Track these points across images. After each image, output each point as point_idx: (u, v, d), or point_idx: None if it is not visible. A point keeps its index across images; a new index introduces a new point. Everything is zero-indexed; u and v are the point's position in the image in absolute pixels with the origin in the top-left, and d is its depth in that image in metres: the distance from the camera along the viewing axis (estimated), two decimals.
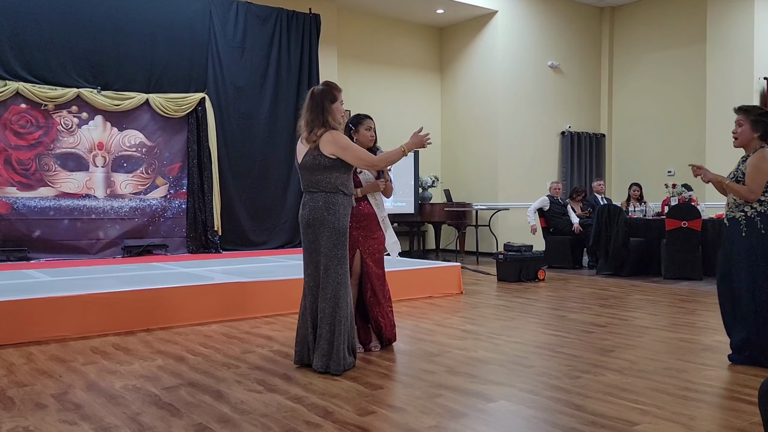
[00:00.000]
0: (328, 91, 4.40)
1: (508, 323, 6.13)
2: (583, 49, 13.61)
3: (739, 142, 4.53)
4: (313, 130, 4.34)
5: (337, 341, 4.30)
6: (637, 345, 5.11)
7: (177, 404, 3.70)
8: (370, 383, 4.10)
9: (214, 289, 6.43)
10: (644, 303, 7.28)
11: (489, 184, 12.59)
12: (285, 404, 3.68)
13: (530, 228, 10.60)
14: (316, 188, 4.38)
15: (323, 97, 4.36)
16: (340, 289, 4.33)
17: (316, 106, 4.35)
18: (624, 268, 9.67)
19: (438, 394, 3.85)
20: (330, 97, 4.37)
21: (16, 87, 8.68)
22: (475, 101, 12.89)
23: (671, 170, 12.60)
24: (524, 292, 8.21)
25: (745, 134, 4.49)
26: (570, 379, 4.13)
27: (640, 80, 13.39)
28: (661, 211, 10.45)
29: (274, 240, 10.73)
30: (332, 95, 4.39)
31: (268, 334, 5.67)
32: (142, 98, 9.59)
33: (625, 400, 3.70)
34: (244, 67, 10.46)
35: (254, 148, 10.56)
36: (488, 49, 12.61)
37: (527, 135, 12.79)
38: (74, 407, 3.67)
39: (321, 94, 4.37)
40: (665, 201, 10.28)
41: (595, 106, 13.87)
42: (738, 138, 4.53)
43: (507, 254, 9.21)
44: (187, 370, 4.49)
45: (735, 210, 4.50)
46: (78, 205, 9.25)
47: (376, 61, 12.67)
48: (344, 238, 4.37)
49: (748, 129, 4.47)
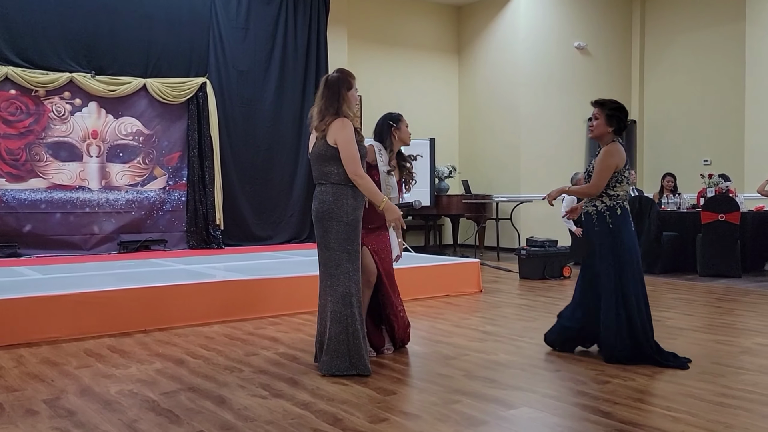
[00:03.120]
0: (344, 79, 4.46)
1: (530, 324, 6.11)
2: (613, 28, 13.52)
3: (594, 135, 4.85)
4: (324, 118, 4.38)
5: (355, 341, 4.33)
6: (670, 347, 5.08)
7: (176, 410, 3.72)
8: (382, 388, 4.10)
9: (216, 288, 6.45)
10: (678, 302, 7.24)
11: (510, 174, 12.55)
12: (292, 410, 3.69)
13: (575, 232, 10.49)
14: (325, 180, 4.42)
15: (339, 85, 4.42)
16: (351, 286, 4.35)
17: (331, 94, 4.40)
18: (656, 265, 9.63)
19: (455, 400, 3.85)
20: (346, 85, 4.45)
21: (4, 71, 8.72)
22: (495, 85, 12.84)
23: (707, 159, 12.51)
24: (548, 290, 8.19)
25: (600, 128, 4.79)
26: (597, 385, 4.12)
27: (673, 62, 13.29)
28: (696, 203, 10.38)
29: (279, 235, 10.76)
30: (348, 83, 4.47)
31: (273, 336, 5.68)
32: (139, 83, 9.62)
33: (656, 406, 3.68)
34: (247, 49, 10.47)
35: (258, 137, 10.58)
36: (510, 28, 12.55)
37: (552, 121, 12.74)
38: (67, 414, 3.69)
39: (337, 81, 4.44)
40: (701, 192, 10.21)
41: (625, 90, 13.77)
42: (593, 131, 4.83)
43: (530, 250, 9.19)
44: (187, 373, 4.51)
45: (588, 204, 4.88)
46: (71, 197, 9.30)
47: (389, 43, 12.65)
48: (355, 233, 4.39)
49: (603, 123, 4.78)
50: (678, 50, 13.20)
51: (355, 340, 4.33)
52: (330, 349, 4.36)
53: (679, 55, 13.19)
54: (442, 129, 13.21)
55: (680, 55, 13.17)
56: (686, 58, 13.07)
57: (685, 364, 4.54)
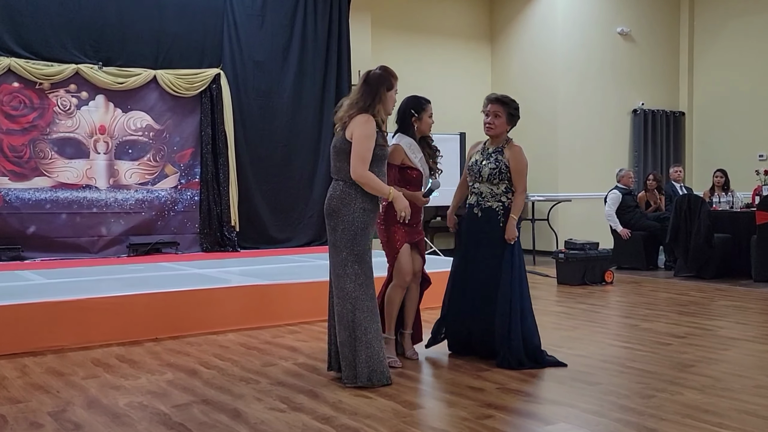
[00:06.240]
0: (385, 77, 4.53)
1: (569, 333, 6.09)
2: (659, 12, 13.41)
3: (495, 133, 5.11)
4: (351, 111, 4.43)
5: (362, 349, 4.34)
6: (722, 359, 5.04)
7: (189, 424, 3.75)
8: (408, 402, 4.10)
9: (231, 293, 6.48)
10: (731, 310, 7.17)
11: (547, 171, 12.49)
12: (311, 425, 3.71)
13: (621, 233, 10.47)
14: (337, 176, 4.49)
15: (380, 83, 4.49)
16: (358, 290, 4.37)
17: (369, 90, 4.46)
18: (707, 270, 9.52)
19: (487, 414, 3.84)
20: (387, 84, 4.52)
21: (7, 63, 8.81)
22: (531, 75, 12.78)
23: (763, 154, 12.39)
24: (589, 297, 8.15)
25: (501, 127, 5.07)
26: (642, 399, 4.10)
27: (726, 49, 13.15)
28: (751, 202, 10.28)
29: (298, 237, 10.77)
30: (389, 82, 4.54)
31: (292, 345, 5.70)
32: (149, 75, 9.68)
33: (707, 423, 3.65)
34: (264, 38, 10.50)
35: (276, 132, 10.60)
36: (548, 13, 12.49)
37: (593, 114, 12.66)
38: (73, 427, 3.73)
39: (378, 78, 4.50)
40: (756, 190, 10.11)
41: (672, 79, 13.67)
42: (494, 129, 5.07)
43: (568, 253, 9.14)
44: (201, 385, 4.54)
45: (492, 200, 5.11)
46: (77, 197, 9.38)
47: (416, 31, 12.63)
48: (363, 235, 4.41)
49: (504, 122, 5.06)
50: (730, 36, 13.06)
51: (361, 347, 4.34)
52: (344, 357, 4.42)
53: (731, 40, 13.05)
54: (473, 123, 13.08)
55: (733, 41, 13.03)
56: (739, 45, 12.92)
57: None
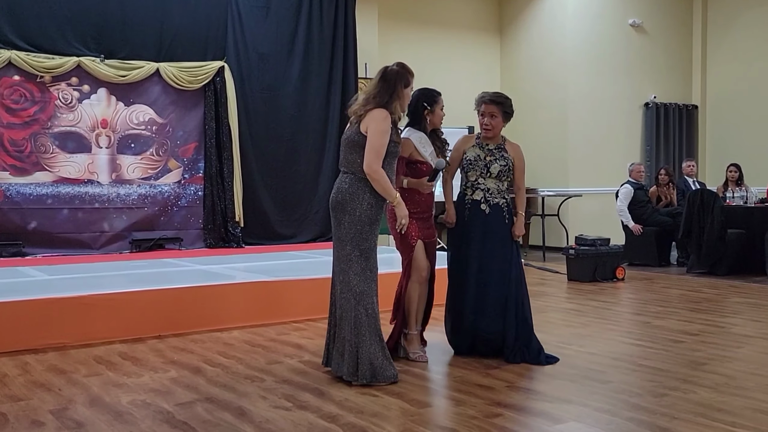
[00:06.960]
0: (402, 74, 4.62)
1: (579, 330, 6.08)
2: (672, 3, 13.36)
3: (494, 134, 5.19)
4: (367, 105, 4.47)
5: (364, 344, 4.36)
6: (736, 357, 5.03)
7: (192, 423, 3.75)
8: (416, 400, 4.10)
9: (235, 290, 6.49)
10: (744, 307, 7.15)
11: (558, 166, 12.48)
12: (317, 424, 3.71)
13: (633, 229, 10.47)
14: (347, 168, 4.52)
15: (397, 80, 4.58)
16: (363, 285, 4.40)
17: (386, 86, 4.53)
18: (720, 266, 9.51)
19: (496, 413, 3.84)
20: (404, 81, 4.61)
21: (7, 56, 8.82)
22: (541, 68, 12.77)
23: None
24: (600, 293, 8.13)
25: (498, 127, 5.17)
26: (654, 398, 4.09)
27: (739, 41, 13.10)
28: (765, 197, 10.26)
29: (304, 233, 10.77)
30: (406, 79, 4.64)
31: (297, 342, 5.71)
32: (152, 68, 9.68)
33: (720, 422, 3.64)
34: (269, 30, 10.49)
35: (281, 126, 10.60)
36: (557, 4, 12.46)
37: (604, 107, 12.64)
38: (75, 425, 3.74)
39: (395, 75, 4.59)
40: None
41: (685, 72, 13.64)
42: (492, 130, 5.16)
43: (579, 249, 9.12)
44: (205, 383, 4.55)
45: (498, 196, 5.18)
46: (79, 192, 9.40)
47: (423, 23, 12.61)
48: (370, 230, 4.44)
49: (500, 121, 5.16)
50: (744, 27, 13.02)
51: (364, 343, 4.36)
52: (340, 351, 4.45)
53: (745, 32, 13.01)
54: None
55: (747, 33, 12.98)
56: (754, 37, 12.87)
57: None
